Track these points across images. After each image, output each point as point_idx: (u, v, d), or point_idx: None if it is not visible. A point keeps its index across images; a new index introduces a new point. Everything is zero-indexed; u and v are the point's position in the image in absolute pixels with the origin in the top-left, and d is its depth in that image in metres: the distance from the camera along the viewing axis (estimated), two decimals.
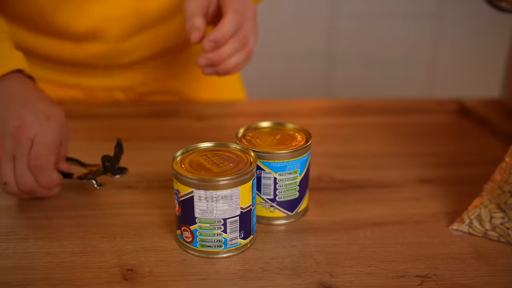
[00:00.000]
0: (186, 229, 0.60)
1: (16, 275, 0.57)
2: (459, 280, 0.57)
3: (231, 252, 0.61)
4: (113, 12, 0.87)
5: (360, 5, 2.25)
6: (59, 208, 0.68)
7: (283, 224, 0.67)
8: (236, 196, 0.58)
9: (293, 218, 0.67)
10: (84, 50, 0.91)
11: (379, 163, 0.83)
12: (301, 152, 0.64)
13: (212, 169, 0.59)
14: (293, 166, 0.64)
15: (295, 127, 0.69)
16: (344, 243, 0.63)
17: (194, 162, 0.61)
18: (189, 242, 0.60)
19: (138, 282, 0.56)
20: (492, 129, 0.93)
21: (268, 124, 0.70)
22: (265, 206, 0.66)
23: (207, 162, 0.61)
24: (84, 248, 0.61)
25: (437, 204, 0.71)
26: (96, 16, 0.87)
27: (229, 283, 0.57)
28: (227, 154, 0.62)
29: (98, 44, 0.90)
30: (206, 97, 1.05)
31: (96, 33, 0.89)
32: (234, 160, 0.61)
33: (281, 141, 0.66)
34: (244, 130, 0.68)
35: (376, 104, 1.04)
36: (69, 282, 0.56)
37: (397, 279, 0.57)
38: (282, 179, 0.64)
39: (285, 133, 0.68)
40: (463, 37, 2.31)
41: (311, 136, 0.66)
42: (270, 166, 0.63)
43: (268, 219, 0.67)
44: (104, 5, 0.86)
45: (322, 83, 2.35)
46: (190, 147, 0.63)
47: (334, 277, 0.58)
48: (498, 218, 0.63)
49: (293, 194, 0.66)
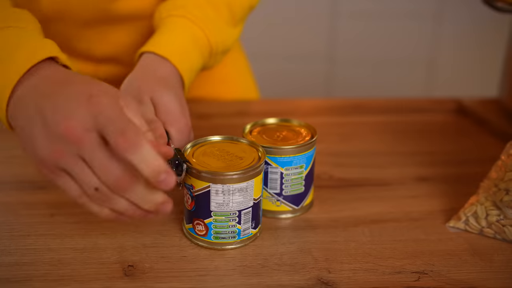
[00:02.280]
0: (199, 222, 0.61)
1: (18, 271, 0.58)
2: (455, 276, 0.58)
3: (244, 242, 0.62)
4: (133, 38, 0.88)
5: (360, 5, 2.25)
6: (61, 205, 0.69)
7: (289, 218, 0.68)
8: (251, 188, 0.60)
9: (299, 212, 0.69)
10: (102, 71, 0.93)
11: (378, 162, 0.83)
12: (307, 147, 0.66)
13: (224, 163, 0.61)
14: (299, 161, 0.66)
15: (300, 123, 0.71)
16: (342, 240, 0.64)
17: (205, 156, 0.62)
18: (202, 235, 0.61)
19: (138, 278, 0.57)
20: (490, 128, 0.94)
21: (274, 121, 0.72)
22: (271, 200, 0.67)
23: (216, 156, 0.62)
24: (85, 245, 0.62)
25: (434, 202, 0.72)
26: (116, 43, 0.88)
27: (228, 279, 0.57)
28: (234, 149, 0.64)
29: (117, 66, 0.92)
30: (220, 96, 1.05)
31: (115, 57, 0.90)
32: (243, 154, 0.63)
33: (287, 137, 0.68)
34: (251, 126, 0.70)
35: (375, 103, 1.05)
36: (70, 278, 0.57)
37: (394, 275, 0.58)
38: (289, 173, 0.66)
39: (291, 129, 0.70)
40: (463, 37, 2.31)
41: (316, 132, 0.68)
42: (276, 161, 0.65)
43: (274, 213, 0.68)
44: (125, 33, 0.87)
45: (322, 83, 2.35)
46: (199, 140, 0.65)
47: (332, 273, 0.58)
48: (494, 215, 0.64)
49: (299, 189, 0.67)
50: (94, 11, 0.82)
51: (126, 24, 0.86)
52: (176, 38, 0.74)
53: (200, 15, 0.76)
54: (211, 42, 0.76)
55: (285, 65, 2.30)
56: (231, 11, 0.79)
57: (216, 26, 0.77)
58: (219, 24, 0.77)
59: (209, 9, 0.77)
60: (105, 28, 0.87)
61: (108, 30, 0.87)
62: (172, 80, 0.70)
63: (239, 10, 0.81)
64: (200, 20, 0.75)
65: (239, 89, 1.09)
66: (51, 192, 0.71)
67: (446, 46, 2.32)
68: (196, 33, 0.75)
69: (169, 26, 0.75)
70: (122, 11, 0.83)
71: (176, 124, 0.66)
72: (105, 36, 0.88)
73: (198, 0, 0.77)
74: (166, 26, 0.75)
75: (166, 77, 0.70)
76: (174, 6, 0.77)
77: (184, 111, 0.67)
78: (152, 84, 0.68)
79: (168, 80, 0.70)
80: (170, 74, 0.71)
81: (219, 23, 0.77)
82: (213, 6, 0.77)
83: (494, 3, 0.87)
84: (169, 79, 0.70)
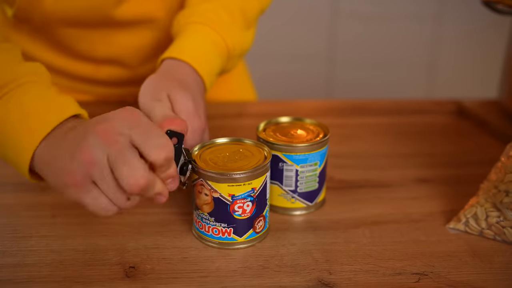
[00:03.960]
0: (261, 219, 0.63)
1: (20, 272, 0.58)
2: (455, 277, 0.58)
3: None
4: (135, 41, 0.89)
5: (361, 7, 2.25)
6: (62, 206, 0.69)
7: (303, 214, 0.70)
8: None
9: (313, 208, 0.70)
10: (102, 72, 0.94)
11: (378, 163, 0.84)
12: (320, 145, 0.67)
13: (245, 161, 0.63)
14: (313, 158, 0.67)
15: (313, 122, 0.73)
16: (343, 242, 0.64)
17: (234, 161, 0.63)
18: (260, 231, 0.64)
19: (140, 279, 0.57)
20: (490, 129, 0.94)
21: (287, 119, 0.74)
22: (286, 197, 0.68)
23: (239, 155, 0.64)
24: (87, 246, 0.62)
25: (434, 204, 0.72)
26: (118, 45, 0.89)
27: (230, 280, 0.58)
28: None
29: (117, 68, 0.93)
30: (217, 98, 1.05)
31: (116, 59, 0.91)
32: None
33: (301, 135, 0.69)
34: (264, 124, 0.72)
35: (375, 105, 1.05)
36: (72, 279, 0.57)
37: (394, 276, 0.59)
38: (303, 171, 0.67)
39: (304, 128, 0.71)
40: (463, 39, 2.31)
41: (328, 130, 0.70)
42: (292, 158, 0.66)
43: (289, 209, 0.69)
44: (127, 36, 0.88)
45: (323, 84, 2.36)
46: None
47: (333, 274, 0.59)
48: (494, 217, 0.64)
49: (313, 186, 0.69)
50: (96, 15, 0.82)
51: (127, 28, 0.87)
52: (195, 43, 0.75)
53: (216, 20, 0.77)
54: (228, 45, 0.78)
55: (285, 66, 2.30)
56: (244, 15, 0.81)
57: (232, 30, 0.79)
58: (234, 28, 0.79)
59: (224, 15, 0.79)
60: (106, 31, 0.87)
61: (110, 33, 0.88)
62: (190, 82, 0.71)
63: (251, 13, 0.83)
64: (216, 25, 0.77)
65: (236, 91, 1.10)
66: (52, 194, 0.71)
67: (447, 47, 2.32)
68: (214, 37, 0.77)
69: (188, 32, 0.76)
70: (124, 16, 0.84)
71: (189, 124, 0.66)
72: (106, 38, 0.88)
73: (214, 7, 0.79)
74: (185, 32, 0.77)
75: (185, 79, 0.71)
76: (192, 14, 0.78)
77: (199, 112, 0.68)
78: (169, 83, 0.69)
79: (186, 82, 0.71)
80: (189, 77, 0.72)
81: (235, 27, 0.79)
82: (228, 11, 0.79)
83: (494, 5, 0.87)
84: (187, 80, 0.71)
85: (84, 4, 0.81)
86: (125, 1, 0.82)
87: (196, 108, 0.68)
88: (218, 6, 0.79)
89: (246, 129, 0.90)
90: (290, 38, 2.27)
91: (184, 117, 0.66)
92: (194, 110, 0.68)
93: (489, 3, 0.87)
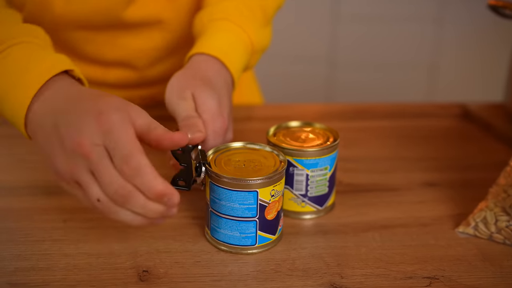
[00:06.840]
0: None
1: (35, 276, 0.58)
2: (466, 281, 0.59)
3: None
4: (143, 43, 0.90)
5: (362, 9, 2.26)
6: (74, 210, 0.70)
7: (313, 218, 0.70)
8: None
9: (322, 212, 0.71)
10: (111, 75, 0.94)
11: (383, 167, 0.84)
12: (330, 150, 0.68)
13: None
14: (324, 163, 0.68)
15: (322, 127, 0.73)
16: (353, 245, 0.65)
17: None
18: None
19: (154, 283, 0.58)
20: (495, 133, 0.94)
21: (297, 124, 0.74)
22: (296, 201, 0.69)
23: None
24: (100, 250, 0.63)
25: (442, 207, 0.73)
26: (126, 47, 0.89)
27: (242, 284, 0.58)
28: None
29: (126, 70, 0.93)
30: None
31: (125, 61, 0.91)
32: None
33: (311, 140, 0.70)
34: (275, 129, 0.72)
35: (379, 108, 1.06)
36: (87, 283, 0.58)
37: (406, 280, 0.59)
38: (314, 175, 0.68)
39: (313, 132, 0.72)
40: (465, 41, 2.32)
41: (338, 134, 0.70)
42: (302, 163, 0.67)
43: (299, 213, 0.70)
44: (135, 38, 0.89)
45: (324, 87, 2.36)
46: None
47: (344, 278, 0.59)
48: (503, 221, 0.65)
49: (323, 190, 0.69)
50: (105, 18, 0.83)
51: (136, 29, 0.87)
52: (223, 39, 0.76)
53: (240, 16, 0.79)
54: (252, 40, 0.79)
55: (286, 69, 2.31)
56: (264, 11, 0.83)
57: (254, 26, 0.80)
58: (255, 24, 0.81)
59: (246, 11, 0.80)
60: (115, 33, 0.87)
61: (118, 35, 0.88)
62: (217, 80, 0.72)
63: (270, 10, 0.85)
64: (240, 21, 0.78)
65: (244, 94, 1.10)
66: (64, 198, 0.71)
67: (448, 49, 2.32)
68: (239, 33, 0.78)
69: (214, 29, 0.77)
70: (133, 18, 0.84)
71: (211, 124, 0.67)
72: (115, 41, 0.89)
73: (236, 4, 0.80)
74: (211, 29, 0.78)
75: (211, 76, 0.72)
76: (214, 11, 0.80)
77: (222, 111, 0.69)
78: (194, 81, 0.70)
79: (212, 80, 0.71)
80: (216, 73, 0.73)
81: (256, 23, 0.81)
82: (249, 8, 0.81)
83: (501, 10, 0.87)
84: (214, 78, 0.72)
85: (94, 7, 0.81)
86: (133, 3, 0.83)
87: (220, 107, 0.69)
88: (239, 3, 0.80)
89: (255, 132, 0.90)
90: (291, 40, 2.27)
91: (207, 116, 0.67)
92: (218, 109, 0.68)
93: (496, 7, 0.87)
